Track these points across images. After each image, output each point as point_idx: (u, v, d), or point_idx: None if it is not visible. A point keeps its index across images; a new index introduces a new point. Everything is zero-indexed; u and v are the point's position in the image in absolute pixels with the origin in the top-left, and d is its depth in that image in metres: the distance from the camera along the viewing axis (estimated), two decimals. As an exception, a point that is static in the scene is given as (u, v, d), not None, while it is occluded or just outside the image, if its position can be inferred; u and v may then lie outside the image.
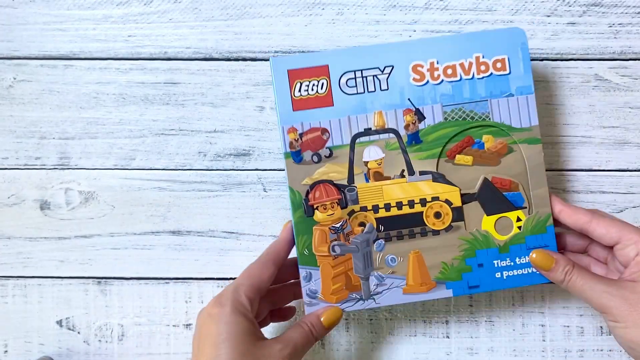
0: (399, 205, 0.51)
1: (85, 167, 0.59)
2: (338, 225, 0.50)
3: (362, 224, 0.51)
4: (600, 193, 0.58)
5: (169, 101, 0.59)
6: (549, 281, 0.50)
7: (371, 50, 0.51)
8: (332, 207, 0.50)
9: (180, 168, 0.59)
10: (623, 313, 0.45)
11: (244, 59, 0.59)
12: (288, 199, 0.51)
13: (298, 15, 0.59)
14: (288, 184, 0.50)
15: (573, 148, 0.58)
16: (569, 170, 0.58)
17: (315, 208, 0.50)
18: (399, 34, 0.58)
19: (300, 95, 0.50)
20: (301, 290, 0.50)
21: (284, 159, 0.51)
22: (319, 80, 0.50)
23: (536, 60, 0.58)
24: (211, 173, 0.59)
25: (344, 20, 0.59)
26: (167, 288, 0.58)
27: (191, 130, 0.59)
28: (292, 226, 0.50)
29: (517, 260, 0.51)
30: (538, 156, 0.51)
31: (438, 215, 0.51)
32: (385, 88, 0.51)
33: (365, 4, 0.59)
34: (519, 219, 0.51)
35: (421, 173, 0.51)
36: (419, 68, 0.51)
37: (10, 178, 0.59)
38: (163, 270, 0.59)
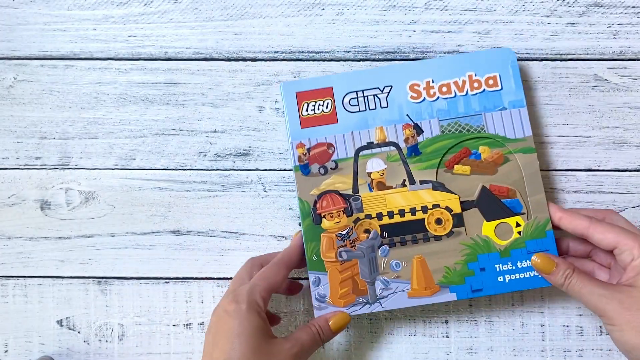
0: (402, 212, 0.53)
1: (85, 167, 0.59)
2: (344, 232, 0.53)
3: (367, 231, 0.53)
4: (599, 193, 0.58)
5: (169, 101, 0.59)
6: (550, 284, 0.51)
7: (371, 73, 0.54)
8: (339, 216, 0.53)
9: (180, 168, 0.59)
10: (619, 316, 0.46)
11: (244, 59, 0.59)
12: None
13: (298, 15, 0.59)
14: (297, 194, 0.53)
15: (572, 148, 0.58)
16: (568, 170, 0.58)
17: (322, 216, 0.53)
18: (399, 34, 0.59)
19: (307, 114, 0.54)
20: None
21: (293, 172, 0.54)
22: (324, 101, 0.54)
23: (536, 60, 0.58)
24: (211, 173, 0.59)
25: (344, 20, 0.59)
26: (167, 288, 0.59)
27: (191, 130, 0.59)
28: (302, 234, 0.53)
29: (519, 264, 0.52)
30: (533, 164, 0.53)
31: (439, 221, 0.53)
32: (385, 106, 0.54)
33: (365, 4, 0.59)
34: (518, 225, 0.53)
35: (422, 182, 0.54)
36: (415, 87, 0.54)
37: (10, 178, 0.59)
38: (163, 270, 0.59)
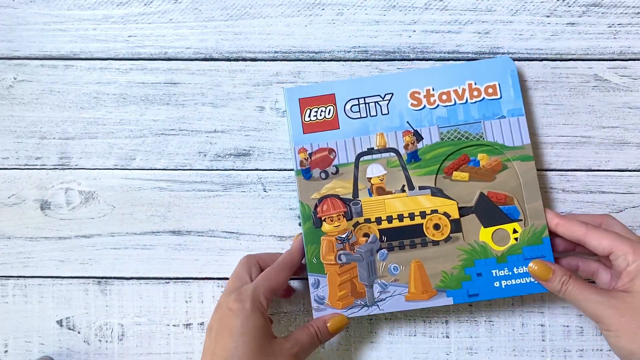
0: (400, 217, 0.54)
1: (85, 167, 0.59)
2: (344, 235, 0.54)
3: (366, 235, 0.54)
4: (599, 193, 0.58)
5: (169, 101, 0.59)
6: (546, 290, 0.51)
7: (373, 80, 0.55)
8: (339, 219, 0.54)
9: (180, 168, 0.59)
10: (614, 322, 0.46)
11: (244, 59, 0.59)
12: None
13: (298, 15, 0.59)
14: (298, 198, 0.54)
15: (572, 148, 0.58)
16: (568, 170, 0.58)
17: (323, 220, 0.54)
18: (399, 34, 0.59)
19: (310, 120, 0.55)
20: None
21: (295, 176, 0.55)
22: (327, 107, 0.55)
23: (536, 60, 0.58)
24: (211, 173, 0.59)
25: (344, 20, 0.59)
26: (167, 288, 0.59)
27: (191, 130, 0.59)
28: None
29: (515, 270, 0.53)
30: (531, 172, 0.54)
31: (437, 226, 0.54)
32: (386, 112, 0.55)
33: (365, 4, 0.59)
34: (515, 231, 0.53)
35: (420, 188, 0.54)
36: (416, 94, 0.55)
37: (10, 178, 0.59)
38: (163, 270, 0.59)
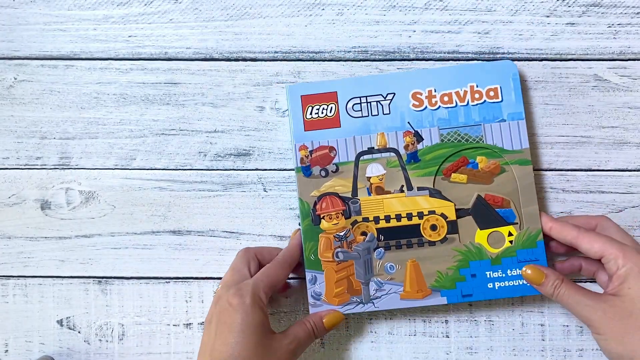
0: (398, 217, 0.54)
1: (85, 167, 0.59)
2: (342, 233, 0.54)
3: (364, 234, 0.55)
4: (599, 193, 0.58)
5: (170, 101, 0.59)
6: (538, 293, 0.52)
7: (375, 80, 0.55)
8: (337, 217, 0.54)
9: (180, 168, 0.59)
10: (602, 325, 0.47)
11: (244, 59, 0.59)
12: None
13: (298, 15, 0.59)
14: (298, 195, 0.55)
15: (572, 148, 0.58)
16: (568, 170, 0.58)
17: (321, 217, 0.54)
18: (399, 34, 0.59)
19: (311, 117, 0.55)
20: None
21: (295, 173, 0.55)
22: (329, 105, 0.55)
23: (536, 60, 0.58)
24: (211, 173, 0.59)
25: (344, 20, 0.59)
26: (168, 288, 0.59)
27: (191, 130, 0.59)
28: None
29: (509, 272, 0.53)
30: (529, 176, 0.54)
31: (434, 227, 0.54)
32: (388, 112, 0.55)
33: (365, 4, 0.59)
34: (510, 234, 0.54)
35: (419, 189, 0.55)
36: (418, 95, 0.55)
37: (10, 178, 0.59)
38: (163, 270, 0.59)
